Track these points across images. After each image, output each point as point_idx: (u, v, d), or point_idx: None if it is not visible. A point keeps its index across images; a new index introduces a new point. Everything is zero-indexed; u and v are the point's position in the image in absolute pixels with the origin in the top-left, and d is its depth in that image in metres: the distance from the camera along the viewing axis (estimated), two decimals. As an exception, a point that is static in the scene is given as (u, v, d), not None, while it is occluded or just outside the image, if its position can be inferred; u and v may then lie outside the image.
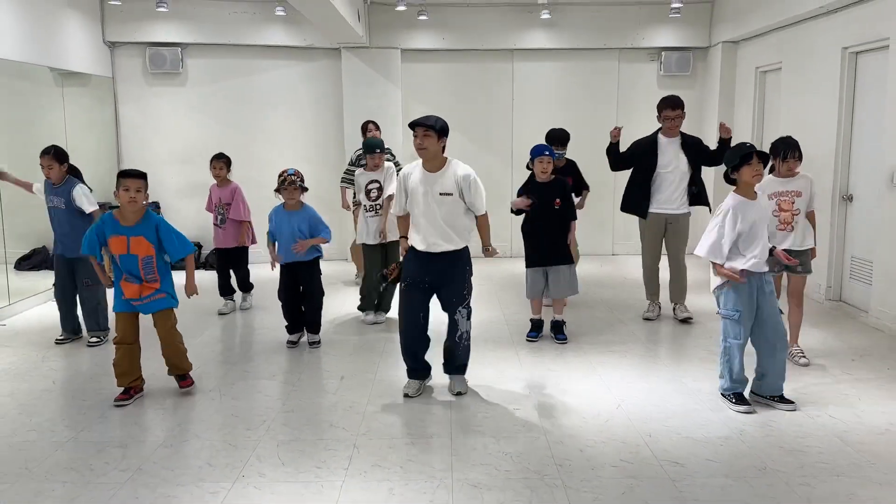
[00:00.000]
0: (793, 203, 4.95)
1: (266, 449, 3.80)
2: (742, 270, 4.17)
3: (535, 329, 5.85)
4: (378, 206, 6.25)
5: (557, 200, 5.57)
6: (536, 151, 5.60)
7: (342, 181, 7.87)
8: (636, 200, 6.32)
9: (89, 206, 5.61)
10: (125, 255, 4.39)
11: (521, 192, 5.68)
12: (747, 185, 4.23)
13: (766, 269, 4.26)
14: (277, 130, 9.40)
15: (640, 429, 4.04)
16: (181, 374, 4.70)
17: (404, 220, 4.61)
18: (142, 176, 4.42)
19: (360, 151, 7.70)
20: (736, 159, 4.22)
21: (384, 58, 9.31)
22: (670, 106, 6.16)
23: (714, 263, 4.25)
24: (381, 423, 4.16)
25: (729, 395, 4.36)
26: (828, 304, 6.87)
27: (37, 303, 7.19)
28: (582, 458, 3.67)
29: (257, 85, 9.34)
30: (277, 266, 5.71)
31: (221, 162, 6.69)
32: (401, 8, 8.62)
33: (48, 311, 6.93)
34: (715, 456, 3.71)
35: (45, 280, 7.51)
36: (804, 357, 5.15)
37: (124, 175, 4.40)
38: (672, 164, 6.16)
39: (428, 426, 4.13)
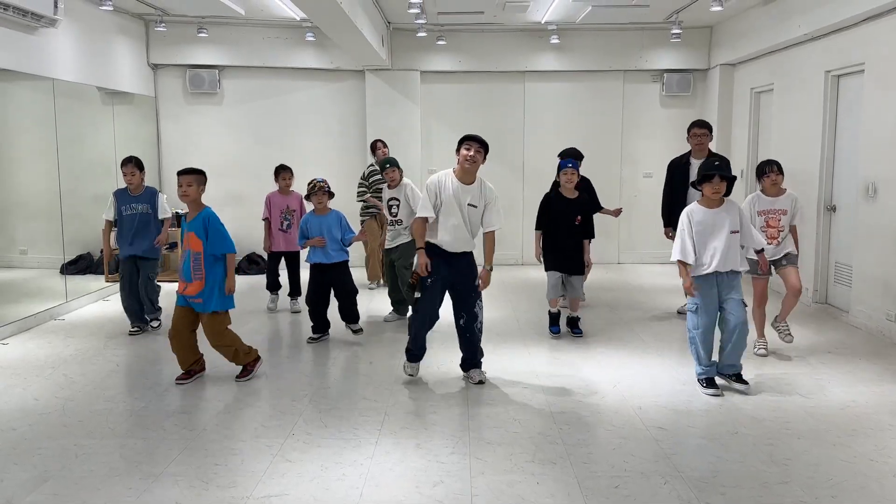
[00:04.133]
0: (779, 220, 5.58)
1: (310, 415, 4.45)
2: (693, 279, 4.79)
3: (555, 323, 6.42)
4: (397, 222, 6.72)
5: (578, 218, 6.18)
6: (562, 165, 6.23)
7: (357, 196, 8.43)
8: (668, 214, 6.93)
9: (165, 213, 6.51)
10: (186, 249, 4.99)
11: (543, 208, 6.28)
12: (707, 197, 4.83)
13: (732, 268, 4.80)
14: (306, 146, 10.12)
15: (632, 403, 4.65)
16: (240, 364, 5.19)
17: (423, 225, 4.97)
18: (193, 172, 4.99)
19: (372, 167, 8.40)
20: (701, 175, 4.84)
21: (405, 79, 10.04)
22: (698, 125, 6.82)
23: (681, 264, 4.83)
24: (406, 397, 4.81)
25: (701, 380, 4.93)
26: (814, 307, 7.44)
27: (89, 301, 7.89)
28: (580, 423, 4.30)
29: (288, 104, 10.10)
30: (307, 267, 6.30)
31: (288, 172, 7.33)
32: (421, 34, 9.35)
33: (100, 308, 7.66)
34: (695, 423, 4.33)
35: (92, 283, 8.25)
36: (790, 335, 5.73)
37: (179, 173, 5.02)
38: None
39: (447, 400, 4.77)
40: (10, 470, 3.71)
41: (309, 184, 6.25)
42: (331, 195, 6.26)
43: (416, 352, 5.19)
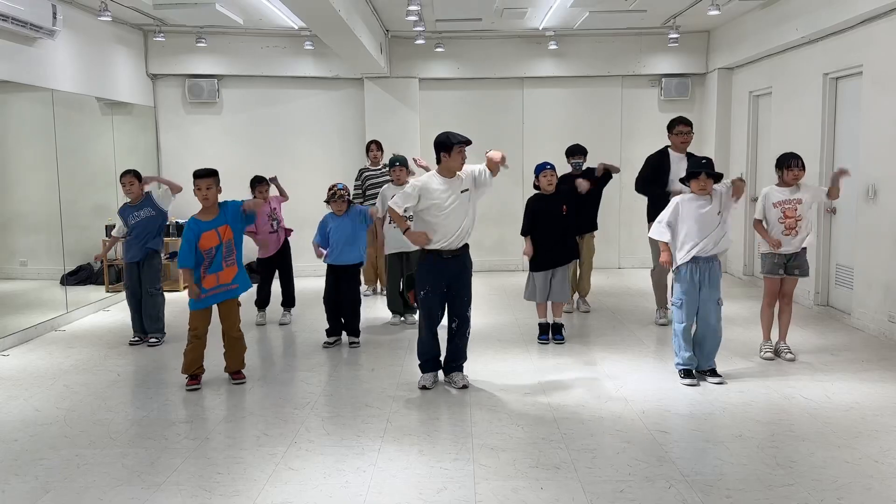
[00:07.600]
0: (795, 210, 5.55)
1: (312, 423, 4.43)
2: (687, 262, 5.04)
3: (545, 332, 6.40)
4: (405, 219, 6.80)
5: (564, 207, 6.18)
6: (539, 168, 6.23)
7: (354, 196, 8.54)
8: (652, 215, 6.92)
9: (166, 205, 6.60)
10: (219, 244, 5.03)
11: (528, 211, 6.29)
12: (694, 191, 5.08)
13: (714, 252, 5.04)
14: (305, 154, 10.14)
15: (635, 408, 4.64)
16: (237, 370, 5.30)
17: (400, 218, 5.15)
18: (211, 174, 5.09)
19: (363, 168, 8.63)
20: (689, 172, 5.11)
21: (403, 86, 10.06)
22: (684, 122, 6.82)
23: (662, 243, 5.13)
24: (409, 404, 4.79)
25: (679, 371, 5.15)
26: (816, 309, 7.43)
27: (89, 312, 7.88)
28: (583, 428, 4.28)
29: (287, 112, 10.12)
30: (324, 270, 6.42)
31: (265, 185, 7.25)
32: (419, 42, 9.38)
33: (101, 319, 7.65)
34: (698, 427, 4.31)
35: (93, 293, 8.23)
36: (790, 353, 5.70)
37: (195, 176, 5.08)
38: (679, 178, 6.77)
39: (450, 407, 4.76)
40: (11, 481, 3.69)
41: (329, 189, 6.36)
42: (350, 203, 6.40)
43: (427, 361, 5.17)
